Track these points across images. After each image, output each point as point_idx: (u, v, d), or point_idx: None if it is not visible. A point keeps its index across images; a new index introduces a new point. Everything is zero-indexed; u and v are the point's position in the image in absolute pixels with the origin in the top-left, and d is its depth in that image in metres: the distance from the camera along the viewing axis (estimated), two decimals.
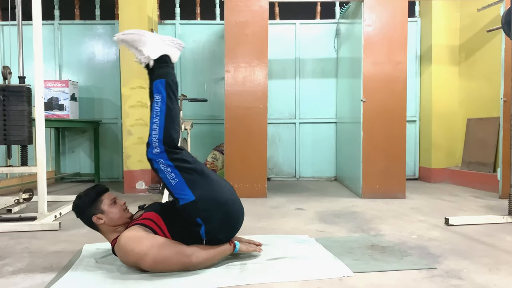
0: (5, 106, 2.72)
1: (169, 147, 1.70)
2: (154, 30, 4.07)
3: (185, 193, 1.67)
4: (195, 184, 1.69)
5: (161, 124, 1.71)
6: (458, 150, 4.64)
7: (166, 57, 1.83)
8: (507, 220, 2.60)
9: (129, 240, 1.60)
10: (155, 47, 1.81)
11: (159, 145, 1.69)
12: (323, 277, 1.65)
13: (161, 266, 1.61)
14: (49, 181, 4.51)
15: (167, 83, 1.76)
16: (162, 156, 1.69)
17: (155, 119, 1.72)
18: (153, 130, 1.72)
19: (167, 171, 1.69)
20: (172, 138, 1.72)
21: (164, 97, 1.75)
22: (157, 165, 1.69)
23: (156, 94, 1.76)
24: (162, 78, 1.77)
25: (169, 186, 1.70)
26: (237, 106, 3.70)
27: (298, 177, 4.98)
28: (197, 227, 1.69)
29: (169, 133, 1.71)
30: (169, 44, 1.85)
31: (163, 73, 1.79)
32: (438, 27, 4.58)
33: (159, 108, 1.73)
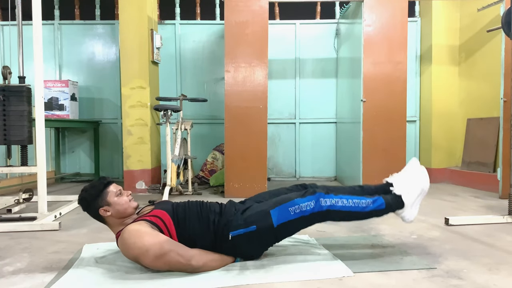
0: (5, 106, 2.72)
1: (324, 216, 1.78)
2: (154, 30, 4.07)
3: (278, 218, 1.73)
4: (286, 228, 1.76)
5: (349, 209, 1.78)
6: (458, 150, 4.64)
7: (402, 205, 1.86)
8: (507, 220, 2.60)
9: (133, 234, 1.61)
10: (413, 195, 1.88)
11: (328, 206, 1.75)
12: (323, 277, 1.65)
13: (160, 264, 1.61)
14: (49, 181, 4.51)
15: (382, 210, 1.82)
16: (317, 206, 1.75)
17: (354, 202, 1.79)
18: (342, 199, 1.78)
19: (301, 207, 1.74)
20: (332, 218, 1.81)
21: (371, 208, 1.80)
22: (309, 200, 1.75)
23: (372, 200, 1.81)
24: (385, 205, 1.82)
25: (285, 203, 1.75)
26: (237, 106, 3.70)
27: (298, 177, 4.98)
28: (242, 224, 1.72)
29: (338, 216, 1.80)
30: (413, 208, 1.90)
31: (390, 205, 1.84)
32: (438, 27, 4.58)
33: (363, 206, 1.79)
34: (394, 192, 1.87)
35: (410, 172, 1.95)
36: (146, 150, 4.00)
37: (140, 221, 1.69)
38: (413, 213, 1.88)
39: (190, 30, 4.91)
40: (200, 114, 4.91)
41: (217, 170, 4.43)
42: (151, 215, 1.74)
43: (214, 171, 4.41)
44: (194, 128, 4.72)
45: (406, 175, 1.94)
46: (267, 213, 1.74)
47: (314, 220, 1.79)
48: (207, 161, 4.52)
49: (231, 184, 3.66)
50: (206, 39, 4.92)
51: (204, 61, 4.93)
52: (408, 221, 1.88)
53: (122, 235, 1.64)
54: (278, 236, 1.80)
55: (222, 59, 4.55)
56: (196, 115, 4.89)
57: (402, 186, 1.89)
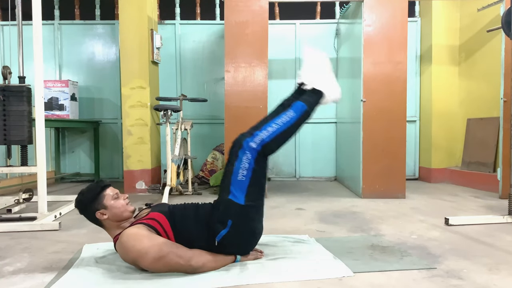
0: (5, 106, 2.72)
1: (264, 154, 1.74)
2: (154, 30, 4.08)
3: (239, 194, 1.70)
4: (252, 196, 1.72)
5: (276, 132, 1.76)
6: (458, 150, 4.64)
7: (321, 94, 1.88)
8: (507, 220, 2.60)
9: (131, 237, 1.61)
10: (323, 80, 1.87)
11: (259, 144, 1.73)
12: (323, 277, 1.65)
13: (160, 266, 1.61)
14: (49, 181, 4.51)
15: (306, 111, 1.84)
16: (252, 153, 1.72)
17: (275, 124, 1.78)
18: (266, 129, 1.76)
19: (244, 166, 1.71)
20: (272, 149, 1.77)
21: (296, 118, 1.81)
22: (242, 154, 1.72)
23: (292, 110, 1.82)
24: (306, 105, 1.83)
25: (232, 177, 1.72)
26: (237, 106, 3.69)
27: (298, 177, 4.98)
28: (220, 226, 1.70)
29: (275, 143, 1.76)
30: (333, 88, 1.89)
31: (310, 102, 1.85)
32: (438, 27, 4.58)
33: (286, 121, 1.79)
34: (306, 89, 1.87)
35: (307, 61, 1.92)
36: (146, 150, 4.01)
37: (137, 224, 1.69)
38: (335, 90, 1.87)
39: (190, 30, 4.91)
40: (200, 114, 4.91)
41: (217, 170, 4.43)
42: (148, 218, 1.74)
43: (214, 171, 4.41)
44: (194, 128, 4.72)
45: (306, 66, 1.91)
46: (228, 201, 1.72)
47: (261, 164, 1.75)
48: (207, 161, 4.52)
49: None
50: (206, 39, 4.92)
51: (204, 61, 4.93)
52: (337, 99, 1.89)
53: (121, 238, 1.64)
54: (255, 206, 1.75)
55: (222, 59, 4.55)
56: (196, 115, 4.89)
57: (309, 78, 1.87)
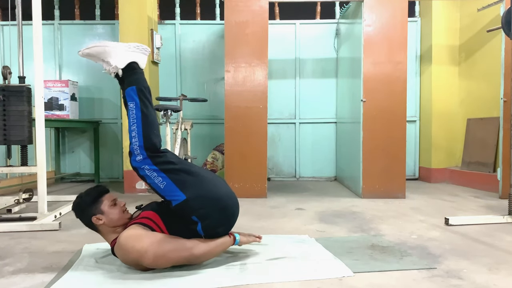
0: (5, 106, 2.72)
1: (152, 152, 1.71)
2: (154, 30, 4.07)
3: (176, 194, 1.68)
4: (185, 184, 1.69)
5: (139, 131, 1.72)
6: (458, 150, 4.64)
7: (134, 64, 1.83)
8: (507, 220, 2.60)
9: (129, 238, 1.61)
10: (120, 56, 1.81)
11: (141, 152, 1.70)
12: (323, 277, 1.65)
13: (162, 261, 1.61)
14: (49, 181, 4.51)
15: (138, 89, 1.77)
16: (146, 162, 1.70)
17: (132, 127, 1.73)
18: (132, 138, 1.72)
19: (153, 176, 1.70)
20: (153, 143, 1.72)
21: (138, 104, 1.75)
22: (143, 171, 1.71)
23: (130, 102, 1.77)
24: (133, 85, 1.77)
25: (158, 191, 1.71)
26: (237, 106, 3.70)
27: (298, 177, 4.98)
28: (193, 225, 1.70)
29: (149, 138, 1.72)
30: (134, 51, 1.85)
31: (133, 80, 1.80)
32: (438, 27, 4.58)
33: (134, 115, 1.74)
34: (120, 73, 1.82)
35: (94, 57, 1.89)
36: None
37: (132, 226, 1.70)
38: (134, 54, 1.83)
39: (190, 30, 4.91)
40: (200, 114, 4.91)
41: (217, 170, 4.42)
42: (140, 217, 1.75)
43: (214, 171, 4.41)
44: (194, 128, 4.72)
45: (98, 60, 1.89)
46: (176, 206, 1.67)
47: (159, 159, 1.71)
48: (207, 161, 4.52)
49: (231, 184, 3.65)
50: (206, 39, 4.92)
51: (204, 61, 4.93)
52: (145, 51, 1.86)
53: (119, 241, 1.63)
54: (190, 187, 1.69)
55: (222, 59, 4.55)
56: (196, 115, 4.89)
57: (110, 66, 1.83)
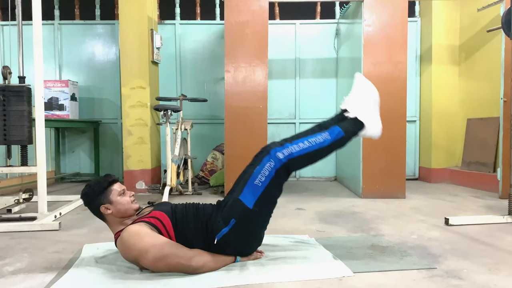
0: (5, 106, 2.72)
1: (288, 168, 1.73)
2: (154, 30, 4.07)
3: (250, 198, 1.70)
4: (262, 203, 1.71)
5: (306, 150, 1.73)
6: (458, 150, 4.64)
7: (362, 126, 1.84)
8: (507, 220, 2.60)
9: (132, 235, 1.61)
10: (367, 113, 1.83)
11: (287, 156, 1.71)
12: (323, 277, 1.65)
13: (160, 265, 1.61)
14: (49, 181, 4.51)
15: (342, 138, 1.79)
16: (276, 162, 1.70)
17: (307, 142, 1.74)
18: (297, 144, 1.73)
19: (264, 172, 1.70)
20: (297, 166, 1.76)
21: (329, 142, 1.77)
22: (267, 160, 1.71)
23: (328, 133, 1.78)
24: (344, 132, 1.79)
25: (249, 179, 1.71)
26: (237, 106, 3.69)
27: (298, 177, 4.98)
28: (222, 224, 1.70)
29: (302, 161, 1.74)
30: (375, 124, 1.85)
31: (348, 130, 1.81)
32: (438, 27, 4.58)
33: (319, 141, 1.76)
34: (349, 116, 1.83)
35: (357, 90, 1.89)
36: (146, 150, 4.00)
37: (139, 222, 1.69)
38: (377, 126, 1.83)
39: (190, 30, 4.91)
40: (200, 114, 4.91)
41: (217, 170, 4.42)
42: (150, 217, 1.74)
43: (214, 171, 4.41)
44: (194, 128, 4.72)
45: (355, 95, 1.88)
46: (237, 200, 1.71)
47: (281, 177, 1.73)
48: (207, 161, 4.52)
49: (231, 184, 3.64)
50: (206, 39, 4.92)
51: (204, 61, 4.93)
52: (377, 136, 1.85)
53: (122, 236, 1.64)
54: (261, 214, 1.76)
55: (222, 59, 4.55)
56: (196, 115, 4.89)
57: (354, 107, 1.84)
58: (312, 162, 1.79)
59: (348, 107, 1.86)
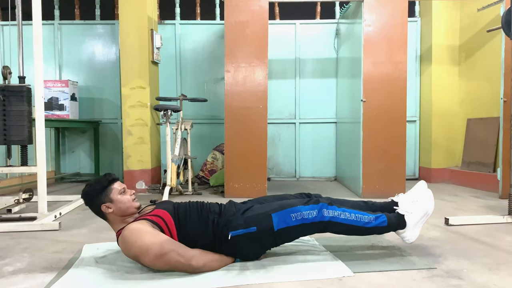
0: (5, 106, 2.72)
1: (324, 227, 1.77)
2: (154, 30, 4.07)
3: (279, 222, 1.72)
4: (286, 234, 1.76)
5: (351, 223, 1.77)
6: (458, 150, 4.64)
7: (403, 226, 1.86)
8: (507, 220, 2.60)
9: (134, 232, 1.61)
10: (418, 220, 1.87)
11: (330, 217, 1.75)
12: (323, 277, 1.65)
13: (160, 264, 1.61)
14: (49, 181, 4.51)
15: (382, 228, 1.82)
16: (319, 217, 1.74)
17: (356, 216, 1.78)
18: (344, 212, 1.77)
19: (303, 215, 1.73)
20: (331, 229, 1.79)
21: (372, 224, 1.80)
22: (312, 208, 1.75)
23: (375, 217, 1.81)
24: (387, 223, 1.81)
25: (288, 209, 1.74)
26: (237, 106, 3.70)
27: (298, 177, 4.98)
28: (242, 225, 1.72)
29: (338, 228, 1.78)
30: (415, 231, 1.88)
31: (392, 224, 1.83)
32: (438, 27, 4.58)
33: (365, 221, 1.79)
34: (398, 212, 1.87)
35: (416, 193, 1.93)
36: (146, 150, 4.00)
37: (141, 220, 1.69)
38: (414, 234, 1.87)
39: (190, 30, 4.91)
40: (200, 114, 4.91)
41: (217, 170, 4.42)
42: (153, 215, 1.74)
43: (214, 171, 4.41)
44: (194, 128, 4.72)
45: (412, 196, 1.92)
46: (268, 215, 1.74)
47: (314, 229, 1.78)
48: (207, 161, 4.52)
49: (231, 184, 3.66)
50: (206, 39, 4.92)
51: (204, 61, 4.93)
52: (409, 242, 1.88)
53: (123, 233, 1.64)
54: (278, 240, 1.80)
55: (222, 59, 4.54)
56: (196, 115, 4.89)
57: (406, 206, 1.87)
58: (345, 234, 1.84)
59: (400, 202, 1.91)
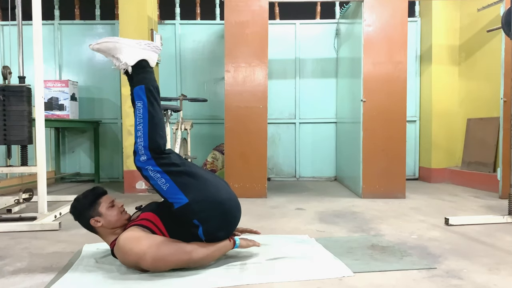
0: (5, 106, 2.72)
1: (156, 153, 1.70)
2: (154, 30, 4.07)
3: (178, 197, 1.66)
4: (187, 187, 1.68)
5: (145, 131, 1.71)
6: (458, 150, 4.64)
7: (144, 62, 1.81)
8: (507, 220, 2.60)
9: (128, 240, 1.61)
10: (131, 53, 1.78)
11: (145, 152, 1.69)
12: (323, 277, 1.65)
13: (161, 265, 1.61)
14: (49, 181, 4.51)
15: (147, 88, 1.74)
16: (150, 163, 1.69)
17: (138, 126, 1.72)
18: (138, 137, 1.71)
19: (157, 177, 1.68)
20: (158, 144, 1.71)
21: (146, 103, 1.73)
22: (146, 172, 1.70)
23: (137, 101, 1.74)
24: (142, 84, 1.75)
25: (161, 192, 1.69)
26: (237, 106, 3.70)
27: (298, 177, 4.98)
28: (195, 228, 1.69)
29: (154, 139, 1.70)
30: (145, 48, 1.82)
31: (142, 78, 1.78)
32: (438, 27, 4.58)
33: (141, 114, 1.73)
34: (130, 72, 1.79)
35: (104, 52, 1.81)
36: None
37: (131, 227, 1.70)
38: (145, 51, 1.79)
39: (190, 30, 4.91)
40: (200, 114, 4.91)
41: (217, 170, 4.42)
42: (140, 219, 1.75)
43: (214, 171, 4.41)
44: (194, 128, 4.72)
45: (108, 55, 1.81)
46: (177, 210, 1.66)
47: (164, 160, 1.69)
48: (207, 161, 4.52)
49: (231, 184, 3.65)
50: (206, 39, 4.92)
51: (204, 61, 4.92)
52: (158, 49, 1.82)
53: (118, 243, 1.63)
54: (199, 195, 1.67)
55: (222, 59, 4.55)
56: (196, 115, 4.89)
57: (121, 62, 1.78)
58: (160, 127, 1.73)
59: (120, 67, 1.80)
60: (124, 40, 1.80)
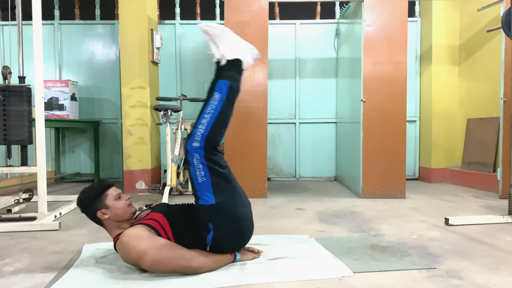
0: (5, 106, 2.72)
1: (209, 146, 1.70)
2: (154, 30, 4.07)
3: (207, 195, 1.67)
4: (220, 190, 1.68)
5: (210, 122, 1.71)
6: (458, 150, 4.64)
7: (239, 61, 1.83)
8: (507, 220, 2.60)
9: (131, 238, 1.61)
10: (232, 48, 1.82)
11: (201, 140, 1.69)
12: (323, 277, 1.65)
13: (160, 267, 1.61)
14: (49, 181, 4.51)
15: (231, 86, 1.77)
16: (199, 152, 1.68)
17: (206, 115, 1.72)
18: (200, 124, 1.71)
19: (198, 168, 1.68)
20: (216, 139, 1.72)
21: (223, 98, 1.75)
22: (192, 158, 1.68)
23: (217, 93, 1.76)
24: (228, 80, 1.77)
25: (194, 183, 1.69)
26: (237, 106, 3.63)
27: (298, 177, 4.98)
28: (205, 232, 1.69)
29: (215, 133, 1.72)
30: (246, 49, 1.84)
31: (231, 75, 1.79)
32: (438, 27, 4.58)
33: (215, 106, 1.74)
34: (222, 64, 1.82)
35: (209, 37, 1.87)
36: (146, 150, 4.01)
37: (138, 225, 1.69)
38: (247, 50, 1.83)
39: (190, 30, 4.91)
40: None
41: None
42: (148, 218, 1.74)
43: None
44: None
45: (211, 41, 1.87)
46: (200, 206, 1.67)
47: (213, 156, 1.69)
48: None
49: None
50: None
51: (204, 61, 4.92)
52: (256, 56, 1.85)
53: (121, 239, 1.63)
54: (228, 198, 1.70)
55: None
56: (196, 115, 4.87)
57: (220, 52, 1.82)
58: (225, 125, 1.77)
59: (216, 56, 1.84)
60: (232, 34, 1.84)
